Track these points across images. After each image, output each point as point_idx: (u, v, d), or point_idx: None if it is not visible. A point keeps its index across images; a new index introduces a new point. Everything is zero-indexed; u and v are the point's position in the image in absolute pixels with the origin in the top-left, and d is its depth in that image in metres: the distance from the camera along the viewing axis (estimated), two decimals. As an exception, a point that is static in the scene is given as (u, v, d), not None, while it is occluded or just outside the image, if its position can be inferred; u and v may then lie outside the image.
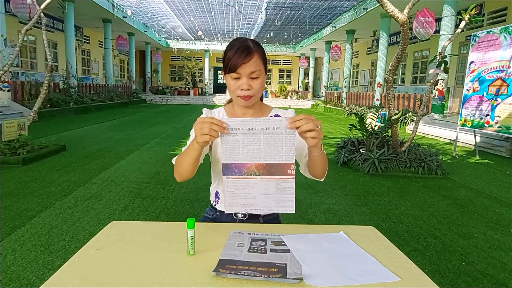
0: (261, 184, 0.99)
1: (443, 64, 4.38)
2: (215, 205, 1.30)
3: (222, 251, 0.93)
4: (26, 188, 3.49)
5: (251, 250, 0.95)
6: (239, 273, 0.80)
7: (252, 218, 1.27)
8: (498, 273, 2.12)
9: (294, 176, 0.99)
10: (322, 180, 1.20)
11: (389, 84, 4.31)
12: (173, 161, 1.18)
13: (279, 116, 1.28)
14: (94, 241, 1.00)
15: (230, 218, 1.28)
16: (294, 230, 1.11)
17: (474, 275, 2.09)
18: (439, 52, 4.44)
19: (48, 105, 10.30)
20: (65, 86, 12.32)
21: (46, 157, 4.86)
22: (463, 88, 6.06)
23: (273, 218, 1.32)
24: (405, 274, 0.86)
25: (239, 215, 1.27)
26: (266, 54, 1.22)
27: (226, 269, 0.82)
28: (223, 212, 1.28)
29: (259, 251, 0.95)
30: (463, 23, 4.38)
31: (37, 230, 2.49)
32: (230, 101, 1.31)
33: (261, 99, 1.34)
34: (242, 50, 1.11)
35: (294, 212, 1.00)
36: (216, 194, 1.29)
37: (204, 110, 1.27)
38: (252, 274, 0.80)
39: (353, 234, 1.10)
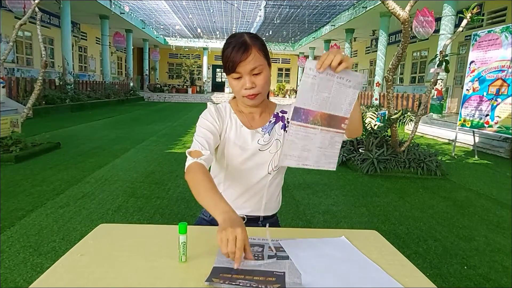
0: (320, 136, 0.99)
1: (444, 63, 4.33)
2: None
3: (216, 257, 0.88)
4: (18, 186, 3.41)
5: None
6: (234, 283, 0.74)
7: (251, 222, 1.21)
8: (500, 278, 2.07)
9: (344, 131, 1.00)
10: (359, 136, 1.15)
11: (389, 83, 4.26)
12: (188, 159, 1.02)
13: (286, 112, 1.22)
14: (80, 246, 0.94)
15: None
16: (293, 235, 1.06)
17: (476, 280, 2.04)
18: (440, 51, 4.39)
19: (44, 102, 10.18)
20: (61, 83, 12.20)
21: (40, 154, 4.77)
22: (461, 88, 6.03)
23: (272, 222, 1.26)
24: (411, 283, 0.81)
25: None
26: (269, 48, 1.14)
27: (220, 278, 0.76)
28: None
29: (256, 257, 0.90)
30: (464, 22, 4.33)
31: (27, 231, 2.41)
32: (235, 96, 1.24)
33: (267, 96, 1.27)
34: (238, 47, 1.03)
35: (335, 169, 1.03)
36: None
37: (209, 105, 1.20)
38: (248, 284, 0.74)
39: (354, 238, 1.05)
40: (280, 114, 1.21)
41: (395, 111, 4.54)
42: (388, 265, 0.90)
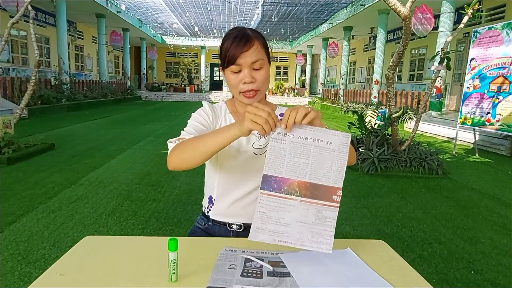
0: (300, 208, 0.82)
1: (445, 60, 4.25)
2: (207, 212, 1.15)
3: (210, 275, 0.80)
4: (9, 190, 3.30)
5: (244, 274, 0.82)
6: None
7: (248, 230, 1.12)
8: (509, 283, 2.00)
9: (338, 205, 0.83)
10: (353, 164, 1.04)
11: (390, 81, 4.18)
12: (171, 142, 0.96)
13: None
14: (60, 263, 0.86)
15: (224, 229, 1.14)
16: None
17: (484, 285, 1.97)
18: (442, 48, 4.31)
19: (39, 102, 10.05)
20: (56, 82, 12.05)
21: (33, 156, 4.66)
22: (460, 85, 5.96)
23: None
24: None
25: (234, 226, 1.13)
26: (270, 48, 1.07)
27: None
28: (216, 221, 1.14)
29: (254, 275, 0.82)
30: (466, 18, 4.25)
31: (16, 237, 2.31)
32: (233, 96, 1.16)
33: (264, 96, 1.20)
34: (240, 38, 0.97)
35: (331, 252, 0.83)
36: (210, 199, 1.14)
37: (204, 102, 1.13)
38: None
39: (360, 250, 0.97)
40: (279, 117, 1.14)
41: (396, 109, 4.46)
42: (399, 281, 0.82)
